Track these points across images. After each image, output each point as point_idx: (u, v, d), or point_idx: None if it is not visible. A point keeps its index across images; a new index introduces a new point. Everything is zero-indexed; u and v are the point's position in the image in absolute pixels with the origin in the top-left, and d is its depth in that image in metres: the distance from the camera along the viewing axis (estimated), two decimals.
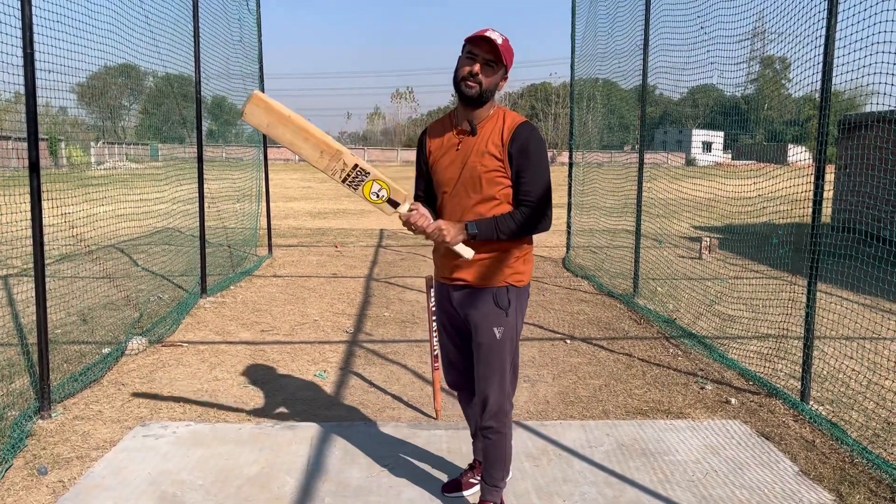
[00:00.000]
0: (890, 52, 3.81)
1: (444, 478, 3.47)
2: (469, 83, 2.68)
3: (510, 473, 3.16)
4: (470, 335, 2.92)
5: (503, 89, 2.89)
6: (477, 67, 2.67)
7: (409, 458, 3.71)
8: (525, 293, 2.92)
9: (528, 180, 2.73)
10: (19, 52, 3.96)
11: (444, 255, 2.88)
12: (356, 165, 2.60)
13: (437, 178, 2.89)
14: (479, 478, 3.24)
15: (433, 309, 4.08)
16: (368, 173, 2.61)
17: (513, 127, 2.74)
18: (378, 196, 2.66)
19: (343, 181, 2.63)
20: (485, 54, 2.67)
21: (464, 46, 2.73)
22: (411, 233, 2.75)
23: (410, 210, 2.68)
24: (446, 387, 4.75)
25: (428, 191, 3.00)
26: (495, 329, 2.82)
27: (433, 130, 2.95)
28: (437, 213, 2.93)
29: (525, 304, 2.94)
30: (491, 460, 2.97)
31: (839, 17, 4.15)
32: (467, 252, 2.71)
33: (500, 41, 2.66)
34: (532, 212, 2.73)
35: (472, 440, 3.34)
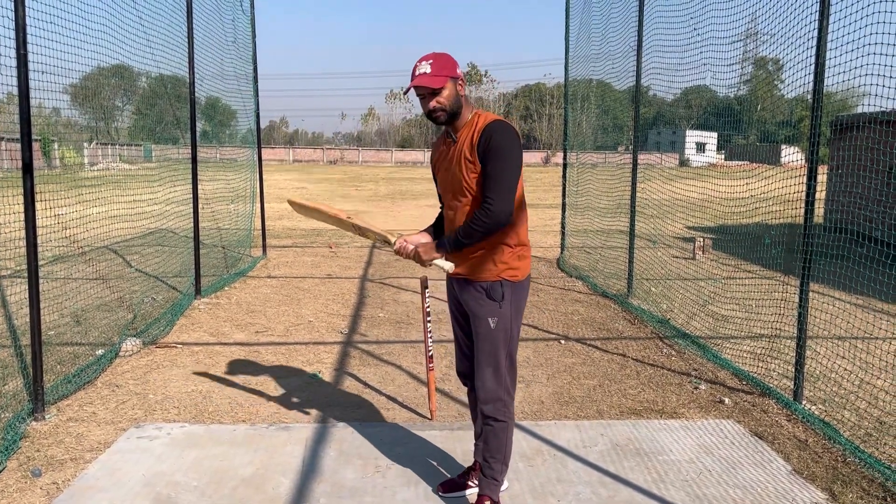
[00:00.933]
0: (881, 54, 3.84)
1: (439, 478, 3.47)
2: (435, 115, 2.91)
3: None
4: None
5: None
6: (431, 103, 2.87)
7: (403, 459, 3.72)
8: (521, 289, 3.00)
9: (489, 176, 2.84)
10: (12, 52, 3.96)
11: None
12: (355, 225, 3.11)
13: (439, 185, 3.14)
14: (477, 480, 3.24)
15: (428, 309, 4.11)
16: (361, 228, 3.10)
17: (482, 128, 2.87)
18: (377, 240, 3.10)
19: (357, 235, 3.22)
20: (427, 91, 2.86)
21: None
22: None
23: (392, 245, 3.00)
24: (443, 387, 4.78)
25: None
26: (489, 319, 2.95)
27: (436, 144, 3.19)
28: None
29: (521, 300, 3.03)
30: (491, 450, 3.03)
31: (831, 19, 4.17)
32: (447, 265, 2.94)
33: (429, 71, 2.84)
34: (487, 211, 2.81)
35: (474, 441, 3.34)
